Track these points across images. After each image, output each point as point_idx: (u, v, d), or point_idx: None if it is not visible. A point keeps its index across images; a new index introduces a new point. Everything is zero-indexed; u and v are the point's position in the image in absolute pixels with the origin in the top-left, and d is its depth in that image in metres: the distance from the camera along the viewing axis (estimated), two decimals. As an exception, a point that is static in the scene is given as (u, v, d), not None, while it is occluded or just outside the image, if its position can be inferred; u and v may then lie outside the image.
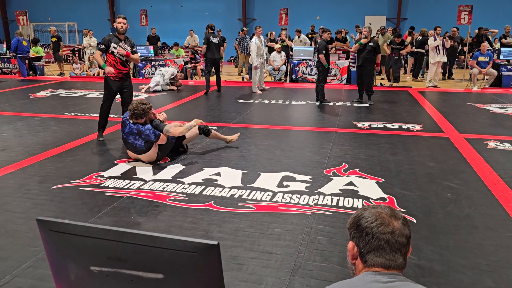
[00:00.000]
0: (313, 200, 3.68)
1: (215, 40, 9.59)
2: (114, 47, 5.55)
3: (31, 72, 13.72)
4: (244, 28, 15.13)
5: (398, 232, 1.21)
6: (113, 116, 7.26)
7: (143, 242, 0.98)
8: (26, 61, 13.10)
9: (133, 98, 5.90)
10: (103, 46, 5.58)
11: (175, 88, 10.58)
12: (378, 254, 1.20)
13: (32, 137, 5.87)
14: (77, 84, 11.65)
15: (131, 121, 4.59)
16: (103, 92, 5.79)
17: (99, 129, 5.77)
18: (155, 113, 4.79)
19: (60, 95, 9.67)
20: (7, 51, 14.06)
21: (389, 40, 11.92)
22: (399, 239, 1.21)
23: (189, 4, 20.89)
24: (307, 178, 4.22)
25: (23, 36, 13.21)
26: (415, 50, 12.47)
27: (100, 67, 5.66)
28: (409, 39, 13.21)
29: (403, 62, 12.79)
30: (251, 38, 13.86)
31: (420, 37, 12.59)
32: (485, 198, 3.76)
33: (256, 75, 10.11)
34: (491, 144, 5.46)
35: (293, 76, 12.29)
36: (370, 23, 18.12)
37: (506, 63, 11.34)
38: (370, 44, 8.52)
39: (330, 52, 9.31)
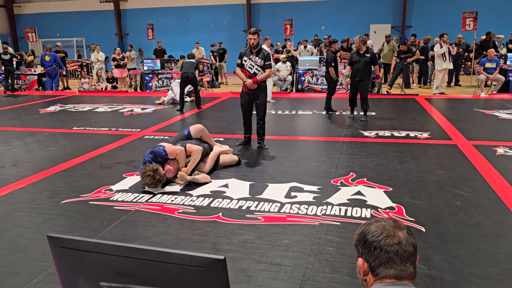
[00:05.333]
0: (321, 211, 3.67)
1: (189, 60, 9.55)
2: (245, 60, 5.70)
3: (40, 87, 13.92)
4: None
5: (404, 242, 1.23)
6: (121, 129, 7.32)
7: (151, 257, 0.99)
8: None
9: (143, 112, 5.98)
10: (239, 61, 5.78)
11: (193, 99, 10.53)
12: (389, 266, 1.21)
13: (41, 152, 5.93)
14: (86, 98, 11.78)
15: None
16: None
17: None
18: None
19: (69, 109, 9.78)
20: (19, 67, 14.28)
21: (396, 52, 11.82)
22: (407, 249, 1.22)
23: (194, 17, 21.11)
24: (314, 188, 4.22)
25: (49, 51, 13.51)
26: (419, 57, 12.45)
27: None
28: (420, 43, 13.16)
29: (410, 68, 12.73)
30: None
31: (423, 44, 12.61)
32: (495, 205, 3.72)
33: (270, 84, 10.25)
34: (500, 150, 5.42)
35: (299, 86, 12.34)
36: (375, 32, 18.18)
37: (513, 68, 11.29)
38: (367, 55, 7.63)
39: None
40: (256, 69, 5.66)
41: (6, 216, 3.75)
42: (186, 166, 4.52)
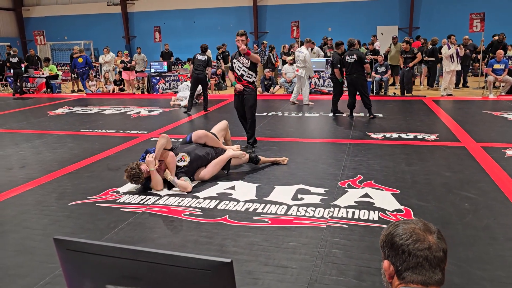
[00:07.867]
0: (328, 213, 3.65)
1: (201, 57, 9.20)
2: (234, 63, 5.85)
3: (48, 90, 14.02)
4: (264, 41, 15.18)
5: (435, 247, 1.18)
6: (128, 132, 7.35)
7: (157, 260, 0.99)
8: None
9: (150, 114, 5.98)
10: (230, 64, 5.99)
11: (201, 102, 10.47)
12: (417, 272, 1.17)
13: (49, 154, 5.97)
14: (93, 101, 11.86)
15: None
16: None
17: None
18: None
19: (77, 112, 9.84)
20: (27, 70, 14.41)
21: (401, 50, 11.82)
22: (436, 254, 1.17)
23: (201, 19, 21.19)
24: (321, 190, 4.20)
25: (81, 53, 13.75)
26: (427, 59, 12.36)
27: (232, 84, 6.03)
28: (428, 44, 13.10)
29: (414, 71, 12.63)
30: (271, 50, 13.80)
31: (431, 46, 12.53)
32: (504, 208, 3.68)
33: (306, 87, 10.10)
34: (509, 152, 5.36)
35: (306, 88, 12.28)
36: (382, 33, 18.11)
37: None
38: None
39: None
40: (243, 70, 5.76)
41: (14, 218, 3.78)
42: (179, 174, 4.43)
